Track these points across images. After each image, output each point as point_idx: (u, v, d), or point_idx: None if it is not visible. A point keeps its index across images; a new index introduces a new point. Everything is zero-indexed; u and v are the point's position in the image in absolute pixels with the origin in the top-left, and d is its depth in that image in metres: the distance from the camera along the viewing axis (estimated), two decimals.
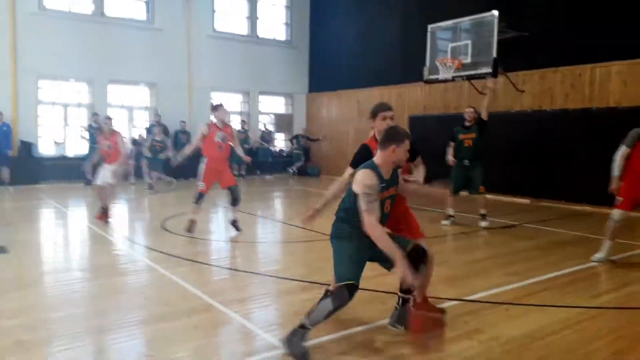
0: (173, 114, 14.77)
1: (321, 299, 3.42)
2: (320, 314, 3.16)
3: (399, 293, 3.72)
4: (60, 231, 7.89)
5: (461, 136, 8.04)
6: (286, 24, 17.56)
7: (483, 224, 7.83)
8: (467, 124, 8.10)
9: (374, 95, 14.91)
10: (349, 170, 3.75)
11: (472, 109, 8.18)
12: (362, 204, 3.11)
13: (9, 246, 6.11)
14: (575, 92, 10.20)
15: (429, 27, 11.37)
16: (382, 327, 3.74)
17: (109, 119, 8.15)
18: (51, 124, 13.89)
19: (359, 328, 3.73)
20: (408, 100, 13.79)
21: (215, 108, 7.10)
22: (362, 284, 3.24)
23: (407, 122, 13.58)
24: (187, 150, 7.29)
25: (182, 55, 15.16)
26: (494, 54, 9.94)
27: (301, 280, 4.95)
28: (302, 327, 3.20)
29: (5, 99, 12.67)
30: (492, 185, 10.76)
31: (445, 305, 4.23)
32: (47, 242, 7.02)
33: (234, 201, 7.08)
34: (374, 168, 3.23)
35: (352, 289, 3.09)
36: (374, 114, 3.87)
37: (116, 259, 6.00)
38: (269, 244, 7.02)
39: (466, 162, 7.97)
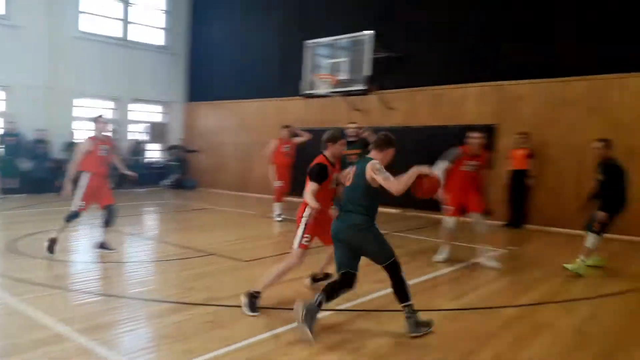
0: (30, 121, 13.32)
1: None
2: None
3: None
4: None
5: (344, 151, 7.97)
6: (164, 29, 16.84)
7: None
8: (350, 139, 8.10)
9: (254, 107, 14.90)
10: (314, 185, 4.42)
11: (355, 124, 8.28)
12: (383, 178, 3.88)
13: None
14: (437, 110, 11.13)
15: (306, 42, 11.67)
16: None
17: None
18: None
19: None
20: (287, 113, 13.96)
21: (96, 120, 6.58)
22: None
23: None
24: (72, 170, 6.53)
25: (43, 56, 13.77)
26: (368, 72, 10.48)
27: (172, 302, 4.68)
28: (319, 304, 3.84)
29: None
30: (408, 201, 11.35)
31: (319, 315, 4.28)
32: None
33: (108, 222, 6.56)
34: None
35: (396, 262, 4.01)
36: (334, 139, 4.67)
37: None
38: (138, 264, 6.56)
39: None
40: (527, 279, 5.83)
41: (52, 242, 6.27)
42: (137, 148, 15.74)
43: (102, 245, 6.61)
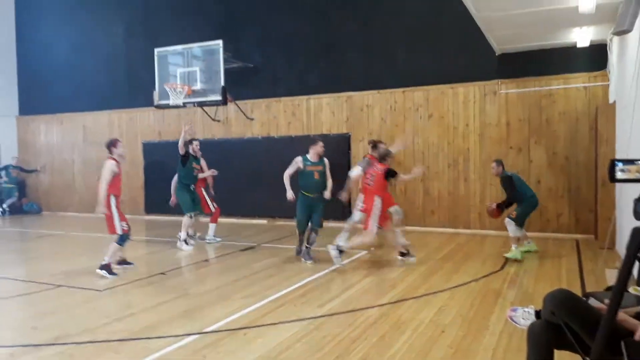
0: None
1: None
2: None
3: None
4: None
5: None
6: None
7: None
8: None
9: (102, 119, 13.76)
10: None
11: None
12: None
13: None
14: (295, 120, 11.41)
15: (156, 50, 11.12)
16: None
17: None
18: None
19: None
20: (140, 125, 13.18)
21: None
22: None
23: (140, 148, 12.96)
24: None
25: None
26: (222, 82, 10.33)
27: (11, 346, 4.09)
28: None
29: None
30: (231, 209, 11.18)
31: (184, 341, 4.09)
32: None
33: None
34: None
35: None
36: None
37: None
38: None
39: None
40: (388, 278, 6.22)
41: None
42: None
43: None
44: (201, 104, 10.94)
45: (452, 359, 3.72)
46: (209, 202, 8.89)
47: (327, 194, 7.27)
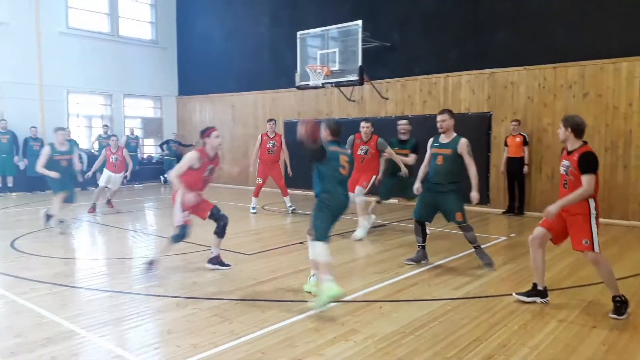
0: (23, 119, 13.20)
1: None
2: None
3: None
4: None
5: (397, 150, 7.60)
6: (151, 22, 16.68)
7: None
8: (403, 137, 7.74)
9: (248, 100, 14.84)
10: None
11: (405, 121, 7.87)
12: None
13: None
14: (431, 99, 11.13)
15: (298, 33, 11.59)
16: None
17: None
18: None
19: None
20: (282, 106, 13.94)
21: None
22: None
23: (282, 127, 13.71)
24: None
25: (31, 53, 13.62)
26: (360, 62, 10.44)
27: (177, 297, 4.69)
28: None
29: None
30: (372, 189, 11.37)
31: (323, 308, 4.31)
32: None
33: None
34: None
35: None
36: None
37: None
38: (139, 260, 6.55)
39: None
40: (529, 267, 5.86)
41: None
42: (131, 144, 15.62)
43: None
44: (338, 85, 11.21)
45: (605, 357, 3.43)
46: None
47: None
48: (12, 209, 10.61)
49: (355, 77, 10.53)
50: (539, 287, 4.47)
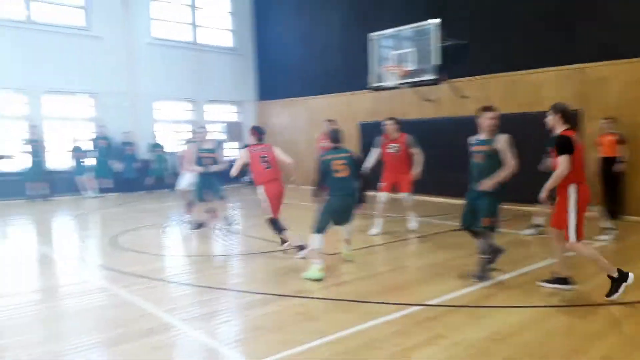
0: (116, 124, 14.26)
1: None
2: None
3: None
4: (3, 252, 7.37)
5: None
6: (230, 30, 17.36)
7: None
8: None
9: (324, 103, 15.01)
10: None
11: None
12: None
13: None
14: (512, 97, 10.66)
15: (372, 35, 11.57)
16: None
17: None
18: None
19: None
20: (357, 108, 13.95)
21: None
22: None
23: (358, 129, 13.72)
24: None
25: (122, 64, 14.65)
26: (438, 61, 10.23)
27: (264, 293, 4.85)
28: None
29: None
30: (444, 189, 11.13)
31: (407, 311, 4.28)
32: None
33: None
34: None
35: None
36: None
37: (66, 280, 5.69)
38: (227, 257, 6.85)
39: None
40: (636, 274, 5.44)
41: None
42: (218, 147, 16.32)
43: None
44: (415, 84, 11.06)
45: None
46: None
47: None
48: (113, 209, 11.44)
49: (432, 76, 10.35)
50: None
